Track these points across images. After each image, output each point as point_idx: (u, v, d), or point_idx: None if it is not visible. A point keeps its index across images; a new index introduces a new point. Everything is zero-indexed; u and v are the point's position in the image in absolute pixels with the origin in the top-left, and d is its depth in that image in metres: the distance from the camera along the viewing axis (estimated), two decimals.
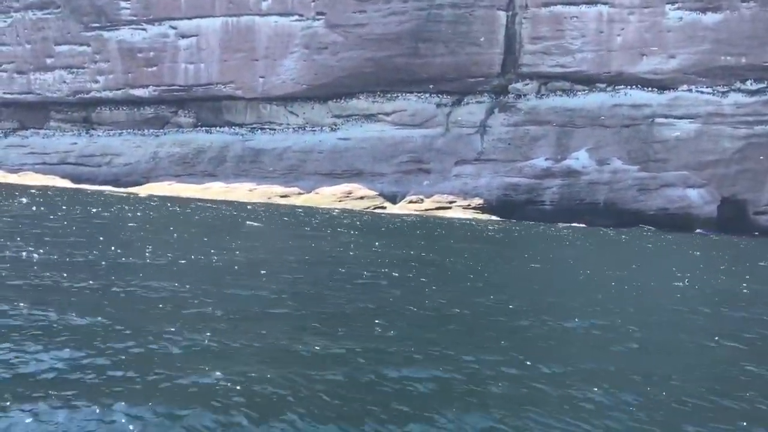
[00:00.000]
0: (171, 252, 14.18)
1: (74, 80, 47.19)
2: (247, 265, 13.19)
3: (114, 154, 45.53)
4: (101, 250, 13.62)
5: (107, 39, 45.83)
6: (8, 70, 48.82)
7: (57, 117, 49.53)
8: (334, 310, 9.58)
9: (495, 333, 8.87)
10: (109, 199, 32.73)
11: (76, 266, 11.65)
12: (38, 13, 47.10)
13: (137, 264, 12.39)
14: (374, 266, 14.41)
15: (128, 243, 15.57)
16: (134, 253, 13.69)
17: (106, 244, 14.64)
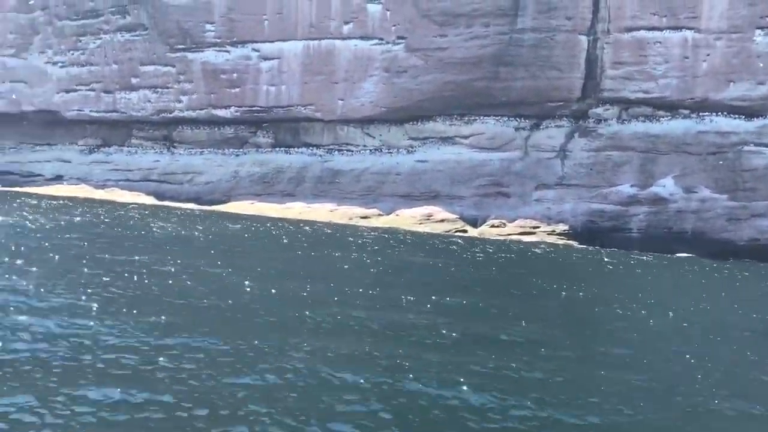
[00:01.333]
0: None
1: (158, 100, 48.67)
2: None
3: (196, 172, 46.71)
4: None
5: (191, 60, 47.19)
6: (96, 89, 50.68)
7: (139, 135, 51.14)
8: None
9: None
10: (214, 216, 33.56)
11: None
12: (126, 35, 48.82)
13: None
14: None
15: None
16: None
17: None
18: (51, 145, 53.76)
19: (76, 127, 52.95)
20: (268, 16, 45.52)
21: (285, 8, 45.17)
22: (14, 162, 53.04)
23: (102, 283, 12.29)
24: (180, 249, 19.15)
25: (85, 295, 11.00)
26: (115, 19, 48.80)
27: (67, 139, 53.47)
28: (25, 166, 52.38)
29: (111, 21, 48.99)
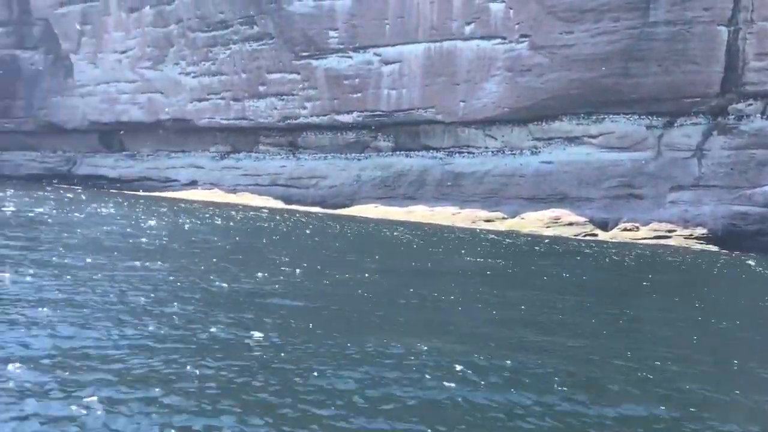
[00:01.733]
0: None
1: (284, 107, 50.23)
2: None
3: (320, 176, 47.83)
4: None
5: (315, 67, 48.33)
6: (226, 98, 53.00)
7: (266, 141, 53.03)
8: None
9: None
10: (349, 222, 34.21)
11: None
12: (254, 44, 50.69)
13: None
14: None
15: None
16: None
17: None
18: (185, 152, 56.74)
19: (208, 135, 55.57)
20: (389, 20, 45.86)
21: (406, 12, 45.33)
22: (153, 168, 56.42)
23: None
24: (388, 254, 19.50)
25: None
26: (243, 29, 50.77)
27: (200, 146, 56.23)
28: (162, 172, 55.60)
29: (240, 31, 51.01)
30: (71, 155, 62.80)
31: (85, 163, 60.74)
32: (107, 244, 17.32)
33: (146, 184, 55.11)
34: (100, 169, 59.23)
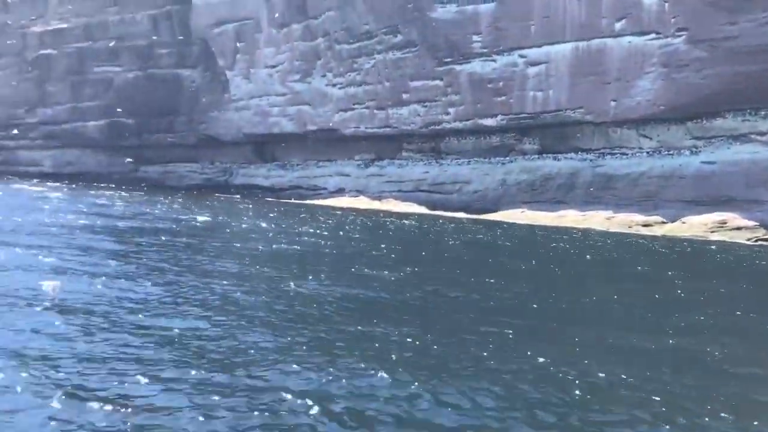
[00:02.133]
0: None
1: (427, 113, 50.50)
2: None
3: (464, 181, 47.60)
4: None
5: (458, 72, 48.22)
6: (370, 107, 54.13)
7: (408, 148, 53.59)
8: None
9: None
10: (504, 227, 33.86)
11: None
12: (398, 53, 51.39)
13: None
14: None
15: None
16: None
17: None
18: (331, 161, 58.54)
19: (353, 143, 56.95)
20: (534, 21, 44.87)
21: (552, 12, 44.15)
22: (303, 177, 58.72)
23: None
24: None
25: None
26: (387, 38, 51.63)
27: (345, 154, 57.76)
28: (311, 181, 57.72)
29: (384, 41, 51.93)
30: (227, 166, 66.65)
31: (241, 174, 64.25)
32: (293, 253, 18.05)
33: (297, 192, 57.40)
34: (254, 178, 62.42)
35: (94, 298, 10.09)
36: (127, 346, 7.73)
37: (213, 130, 65.55)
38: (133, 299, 10.31)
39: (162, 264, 14.07)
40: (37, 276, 11.24)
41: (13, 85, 74.05)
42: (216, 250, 17.55)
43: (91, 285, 11.08)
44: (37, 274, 11.55)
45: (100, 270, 12.69)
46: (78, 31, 71.32)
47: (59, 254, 14.05)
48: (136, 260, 14.62)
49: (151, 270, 13.18)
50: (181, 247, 17.51)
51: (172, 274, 12.90)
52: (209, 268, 14.01)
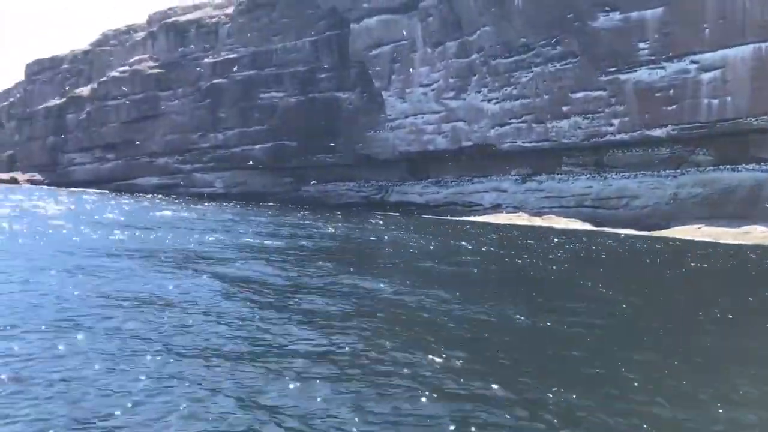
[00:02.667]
0: None
1: (589, 125, 48.60)
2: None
3: (630, 196, 45.16)
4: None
5: (623, 81, 46.00)
6: (527, 121, 52.99)
7: (568, 162, 51.80)
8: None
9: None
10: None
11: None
12: (557, 64, 49.99)
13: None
14: None
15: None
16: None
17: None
18: (486, 177, 57.87)
19: (508, 159, 55.96)
20: (708, 24, 41.91)
21: (728, 12, 41.02)
22: (457, 193, 58.49)
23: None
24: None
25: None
26: (546, 51, 50.41)
27: (500, 170, 56.89)
28: (466, 197, 57.33)
29: (542, 53, 50.74)
30: (383, 184, 67.92)
31: (396, 191, 65.19)
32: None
33: (451, 209, 57.24)
34: (409, 196, 63.09)
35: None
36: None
37: (369, 150, 67.13)
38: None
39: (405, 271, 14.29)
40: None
41: (189, 112, 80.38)
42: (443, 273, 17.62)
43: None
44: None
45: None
46: (246, 60, 76.16)
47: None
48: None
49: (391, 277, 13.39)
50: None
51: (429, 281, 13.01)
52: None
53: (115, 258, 15.40)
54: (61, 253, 15.62)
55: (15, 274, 12.32)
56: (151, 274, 13.36)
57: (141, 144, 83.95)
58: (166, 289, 11.82)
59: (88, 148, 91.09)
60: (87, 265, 13.92)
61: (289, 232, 26.95)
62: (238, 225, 29.53)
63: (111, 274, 13.06)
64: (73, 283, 11.78)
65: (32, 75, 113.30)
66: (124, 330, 8.62)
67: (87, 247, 17.17)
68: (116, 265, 14.45)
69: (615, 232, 40.46)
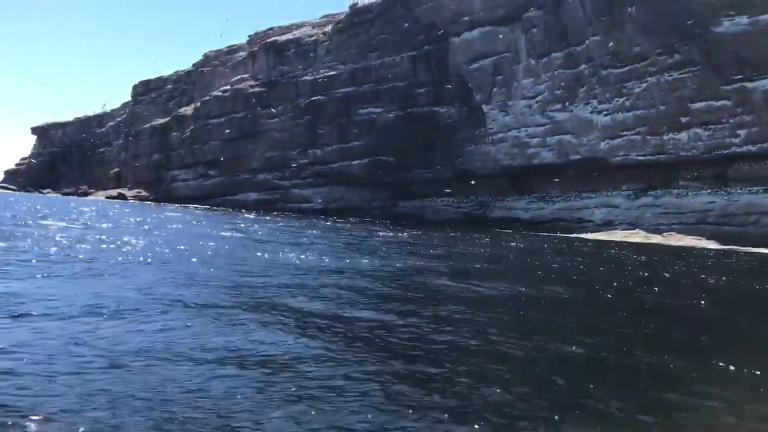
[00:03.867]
0: None
1: (710, 137, 45.78)
2: None
3: (761, 212, 42.05)
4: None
5: (751, 90, 43.08)
6: (641, 133, 50.51)
7: (686, 176, 48.95)
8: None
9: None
10: None
11: None
12: (674, 74, 47.45)
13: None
14: None
15: None
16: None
17: None
18: (595, 192, 55.53)
19: (619, 173, 53.56)
20: None
21: None
22: (565, 209, 56.37)
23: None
24: None
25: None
26: (662, 59, 47.97)
27: (610, 184, 54.50)
28: (575, 213, 55.15)
29: (657, 62, 48.32)
30: (483, 200, 66.48)
31: (498, 207, 63.61)
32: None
33: (559, 225, 55.17)
34: (513, 212, 61.40)
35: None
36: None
37: (469, 164, 65.97)
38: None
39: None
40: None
41: (288, 129, 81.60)
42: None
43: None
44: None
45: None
46: (344, 77, 76.69)
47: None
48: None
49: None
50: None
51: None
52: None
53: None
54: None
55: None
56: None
57: (242, 161, 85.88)
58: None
59: (191, 165, 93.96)
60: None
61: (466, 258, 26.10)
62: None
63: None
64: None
65: (138, 96, 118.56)
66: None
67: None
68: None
69: (749, 250, 37.61)
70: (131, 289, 11.64)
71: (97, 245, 19.35)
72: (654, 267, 24.39)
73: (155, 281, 12.81)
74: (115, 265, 14.87)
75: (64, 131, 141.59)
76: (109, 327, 8.54)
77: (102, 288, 11.51)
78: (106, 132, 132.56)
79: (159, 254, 18.20)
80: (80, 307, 9.52)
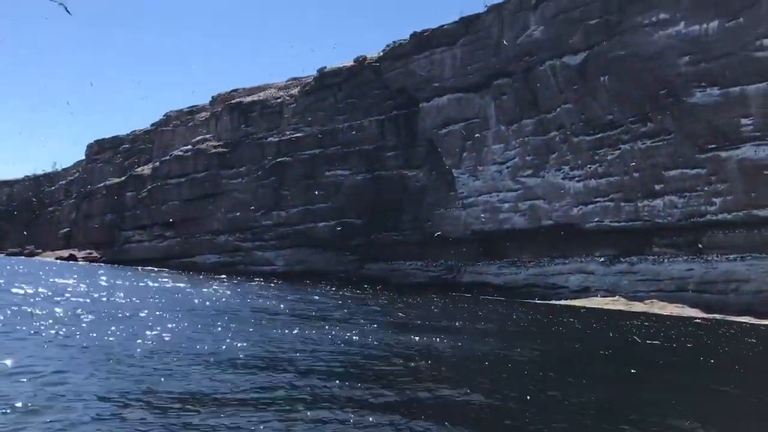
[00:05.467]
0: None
1: (686, 204, 46.19)
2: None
3: (740, 280, 42.17)
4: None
5: (724, 159, 43.82)
6: (615, 200, 50.75)
7: (661, 242, 49.11)
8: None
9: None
10: None
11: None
12: (648, 141, 48.12)
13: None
14: None
15: None
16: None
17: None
18: (567, 258, 55.25)
19: (591, 239, 53.47)
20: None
21: None
22: (539, 275, 55.83)
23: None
24: None
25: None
26: (635, 127, 48.70)
27: (583, 250, 54.31)
28: (548, 279, 54.63)
29: (631, 130, 49.03)
30: (453, 264, 65.60)
31: (469, 272, 62.75)
32: None
33: (533, 291, 54.53)
34: (484, 276, 60.60)
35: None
36: None
37: (439, 228, 65.25)
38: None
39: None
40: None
41: (252, 190, 79.95)
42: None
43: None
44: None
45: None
46: (311, 139, 75.98)
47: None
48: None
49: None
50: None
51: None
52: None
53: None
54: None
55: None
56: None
57: (202, 222, 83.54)
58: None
59: (147, 225, 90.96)
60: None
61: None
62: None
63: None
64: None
65: (92, 155, 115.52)
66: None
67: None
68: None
69: (734, 320, 37.37)
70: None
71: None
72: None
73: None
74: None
75: (11, 189, 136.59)
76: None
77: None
78: (56, 191, 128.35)
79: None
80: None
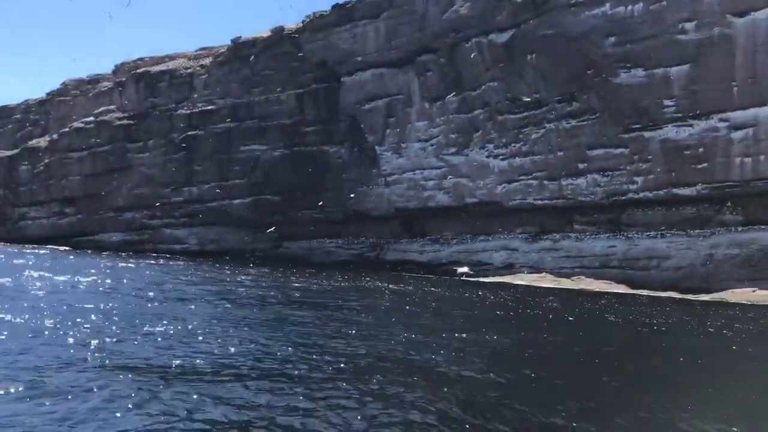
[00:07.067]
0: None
1: (608, 183, 47.26)
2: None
3: (661, 257, 43.61)
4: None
5: (647, 139, 45.01)
6: (539, 178, 51.35)
7: (581, 220, 50.19)
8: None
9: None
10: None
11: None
12: (572, 121, 48.81)
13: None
14: None
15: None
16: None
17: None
18: (489, 235, 55.63)
19: (513, 216, 54.08)
20: (737, 83, 41.45)
21: (759, 71, 40.68)
22: (462, 252, 55.94)
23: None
24: None
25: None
26: (560, 107, 49.25)
27: (505, 228, 54.83)
28: (473, 256, 54.79)
29: (556, 109, 49.55)
30: (374, 241, 64.84)
31: (393, 249, 62.18)
32: None
33: (456, 269, 54.55)
34: (408, 254, 60.19)
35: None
36: None
37: (361, 205, 64.29)
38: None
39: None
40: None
41: (160, 165, 75.93)
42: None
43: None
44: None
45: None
46: (225, 112, 72.77)
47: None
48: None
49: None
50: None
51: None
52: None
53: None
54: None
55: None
56: None
57: (105, 198, 78.70)
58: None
59: (45, 201, 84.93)
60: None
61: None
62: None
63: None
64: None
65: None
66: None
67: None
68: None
69: (656, 295, 38.64)
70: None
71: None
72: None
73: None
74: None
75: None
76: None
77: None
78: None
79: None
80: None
